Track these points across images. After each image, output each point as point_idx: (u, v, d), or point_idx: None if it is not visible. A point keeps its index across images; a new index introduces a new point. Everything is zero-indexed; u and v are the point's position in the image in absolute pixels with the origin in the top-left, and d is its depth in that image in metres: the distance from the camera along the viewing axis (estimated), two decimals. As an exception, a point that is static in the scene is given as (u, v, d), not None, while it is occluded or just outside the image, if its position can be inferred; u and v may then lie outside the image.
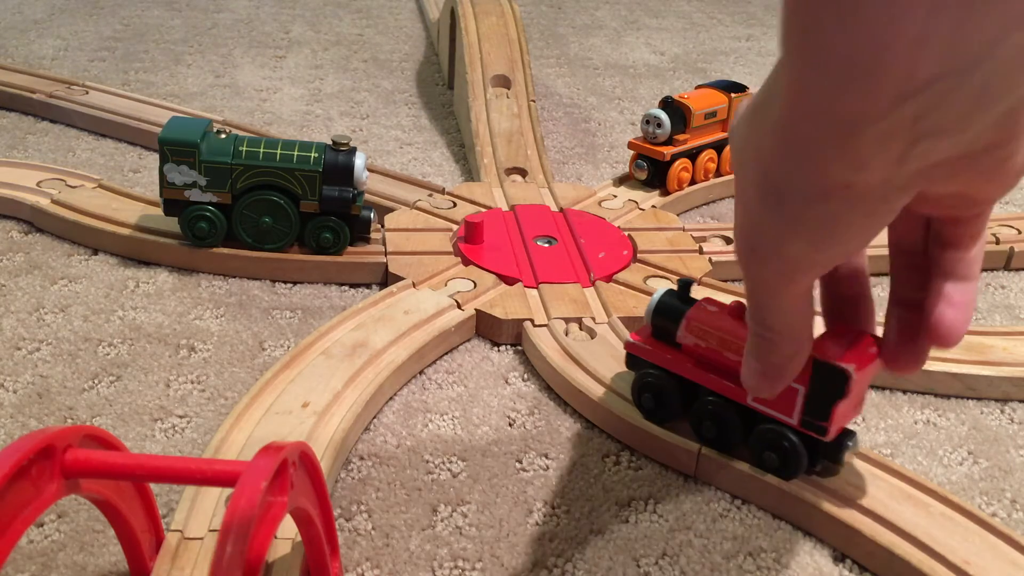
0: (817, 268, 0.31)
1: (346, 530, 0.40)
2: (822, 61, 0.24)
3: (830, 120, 0.25)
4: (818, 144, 0.26)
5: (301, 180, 0.58)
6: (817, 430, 0.39)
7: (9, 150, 0.77)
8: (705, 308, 0.43)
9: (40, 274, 0.58)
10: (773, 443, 0.41)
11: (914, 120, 0.23)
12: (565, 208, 0.68)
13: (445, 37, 0.98)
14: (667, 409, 0.45)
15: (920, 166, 0.25)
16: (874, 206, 0.27)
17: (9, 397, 0.47)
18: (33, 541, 0.38)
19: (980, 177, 0.27)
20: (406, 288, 0.56)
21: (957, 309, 0.33)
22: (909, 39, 0.21)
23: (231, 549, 0.25)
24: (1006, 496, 0.45)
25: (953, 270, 0.33)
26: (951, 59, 0.22)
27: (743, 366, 0.35)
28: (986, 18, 0.21)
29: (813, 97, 0.25)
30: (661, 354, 0.44)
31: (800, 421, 0.39)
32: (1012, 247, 0.66)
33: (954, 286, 0.33)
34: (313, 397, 0.45)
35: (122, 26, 1.13)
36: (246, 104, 0.91)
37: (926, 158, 0.25)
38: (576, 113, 0.95)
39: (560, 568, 0.39)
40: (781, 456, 0.41)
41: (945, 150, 0.25)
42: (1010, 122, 0.25)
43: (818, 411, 0.38)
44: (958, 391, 0.52)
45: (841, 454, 0.40)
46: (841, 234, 0.28)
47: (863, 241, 0.29)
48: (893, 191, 0.26)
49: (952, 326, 0.33)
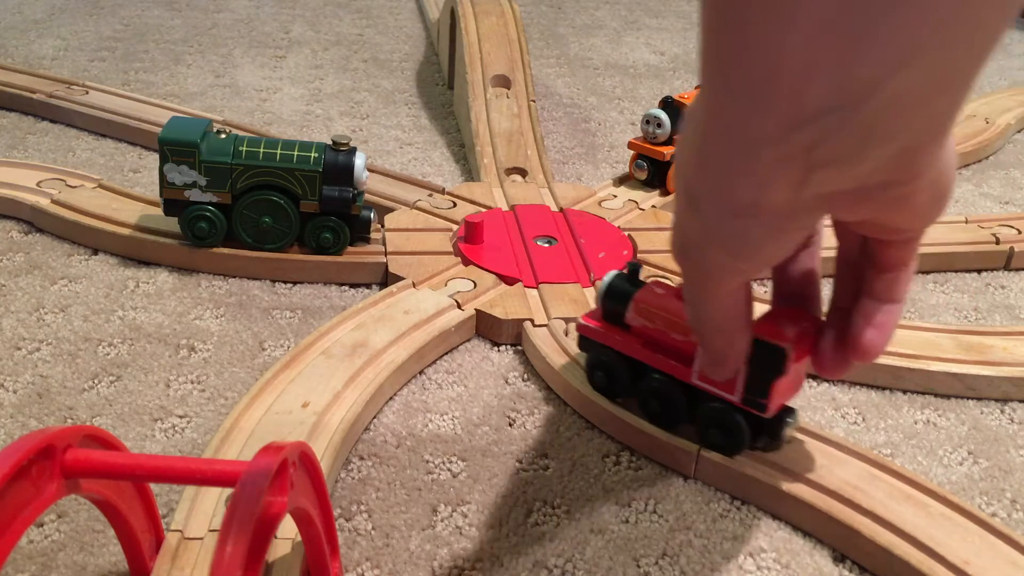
0: (739, 274, 0.32)
1: (346, 530, 0.40)
2: (727, 84, 0.25)
3: (734, 140, 0.26)
4: (725, 162, 0.27)
5: (301, 180, 0.58)
6: (757, 407, 0.40)
7: (9, 150, 0.77)
8: (652, 290, 0.44)
9: (40, 274, 0.58)
10: (716, 420, 0.42)
11: (808, 148, 0.24)
12: (565, 208, 0.68)
13: (445, 37, 0.98)
14: (618, 385, 0.46)
15: (819, 193, 0.26)
16: (781, 224, 0.28)
17: (9, 397, 0.47)
18: (33, 541, 0.38)
19: (885, 210, 0.28)
20: (406, 288, 0.56)
21: (876, 329, 0.35)
22: (796, 69, 0.23)
23: (231, 549, 0.25)
24: (1006, 496, 0.45)
25: (878, 290, 0.35)
26: (837, 93, 0.23)
27: (698, 352, 0.36)
28: (867, 57, 0.22)
29: (721, 118, 0.26)
30: (611, 335, 0.45)
31: (741, 398, 0.40)
32: (1012, 247, 0.66)
33: (876, 306, 0.35)
34: (313, 397, 0.45)
35: (122, 26, 1.12)
36: (246, 104, 0.91)
37: (824, 186, 0.26)
38: (576, 113, 0.95)
39: (560, 568, 0.39)
40: (724, 432, 0.42)
41: (841, 182, 0.26)
42: (905, 162, 0.26)
43: (758, 388, 0.39)
44: (958, 391, 0.52)
45: (781, 431, 0.42)
46: (754, 248, 0.29)
47: (777, 255, 0.30)
48: (798, 213, 0.27)
49: (870, 345, 0.35)
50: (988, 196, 0.80)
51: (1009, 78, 1.15)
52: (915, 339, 0.54)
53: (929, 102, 0.24)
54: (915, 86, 0.23)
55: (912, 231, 0.32)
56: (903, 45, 0.22)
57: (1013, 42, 1.31)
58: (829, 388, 0.52)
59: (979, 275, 0.66)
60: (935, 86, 0.23)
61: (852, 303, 0.36)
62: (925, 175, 0.27)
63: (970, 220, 0.70)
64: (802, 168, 0.25)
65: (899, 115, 0.23)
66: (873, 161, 0.25)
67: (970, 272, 0.66)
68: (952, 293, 0.64)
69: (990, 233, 0.68)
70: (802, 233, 0.29)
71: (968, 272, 0.66)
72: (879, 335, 0.35)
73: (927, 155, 0.26)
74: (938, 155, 0.27)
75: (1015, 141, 0.93)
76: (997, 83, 1.12)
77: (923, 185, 0.27)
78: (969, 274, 0.66)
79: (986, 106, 0.96)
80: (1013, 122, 0.93)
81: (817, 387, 0.52)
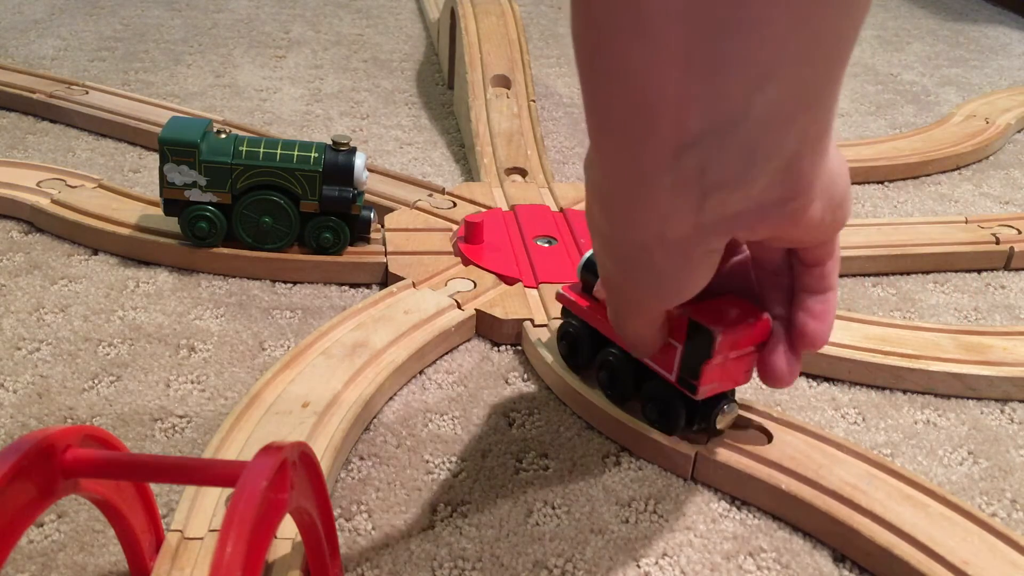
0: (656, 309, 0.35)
1: (346, 530, 0.40)
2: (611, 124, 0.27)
3: (630, 176, 0.28)
4: (624, 199, 0.29)
5: (301, 180, 0.58)
6: (689, 388, 0.41)
7: (9, 150, 0.77)
8: None
9: (40, 274, 0.58)
10: (655, 397, 0.44)
11: (699, 173, 0.26)
12: (565, 208, 0.68)
13: (445, 37, 0.98)
14: (579, 357, 0.48)
15: (719, 216, 0.28)
16: (690, 252, 0.30)
17: (9, 397, 0.47)
18: (33, 541, 0.38)
19: (784, 226, 0.30)
20: (406, 288, 0.57)
21: (817, 319, 0.37)
22: (671, 98, 0.25)
23: (231, 549, 0.25)
24: (1006, 496, 0.45)
25: (810, 284, 0.37)
26: (713, 115, 0.25)
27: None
28: (731, 79, 0.24)
29: (613, 157, 0.28)
30: (580, 305, 0.47)
31: (677, 378, 0.42)
32: (1012, 247, 0.66)
33: (813, 298, 0.37)
34: (313, 397, 0.45)
35: (122, 26, 1.12)
36: (246, 104, 0.91)
37: (722, 208, 0.28)
38: (576, 113, 0.95)
39: (560, 568, 0.39)
40: (660, 410, 0.44)
41: (737, 202, 0.28)
42: (792, 177, 0.28)
43: (690, 369, 0.41)
44: (958, 391, 0.52)
45: (713, 416, 0.43)
46: (669, 280, 0.31)
47: (692, 285, 0.32)
48: (705, 238, 0.29)
49: (815, 334, 0.37)
50: (988, 196, 0.80)
51: (1009, 78, 1.15)
52: (915, 339, 0.54)
53: (796, 117, 0.26)
54: (778, 104, 0.25)
55: (821, 240, 0.34)
56: (755, 69, 0.24)
57: (1013, 42, 1.31)
58: (829, 388, 0.52)
59: (979, 275, 0.66)
60: (796, 103, 0.25)
61: (778, 308, 0.38)
62: (814, 187, 0.29)
63: (970, 220, 0.70)
64: (697, 193, 0.27)
65: (774, 132, 0.26)
66: (762, 179, 0.27)
67: (970, 272, 0.66)
68: (952, 293, 0.64)
69: (990, 233, 0.68)
70: (711, 259, 0.31)
71: (968, 272, 0.66)
72: (821, 324, 0.37)
73: (811, 167, 0.28)
74: (823, 166, 0.29)
75: (1015, 141, 0.93)
76: (997, 83, 1.12)
77: (814, 196, 0.29)
78: (969, 274, 0.66)
79: (986, 106, 0.96)
80: (1013, 122, 0.93)
81: (817, 387, 0.52)
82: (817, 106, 0.26)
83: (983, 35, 1.34)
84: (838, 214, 0.31)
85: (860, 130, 0.95)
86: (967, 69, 1.17)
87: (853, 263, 0.64)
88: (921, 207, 0.77)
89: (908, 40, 1.29)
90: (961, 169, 0.85)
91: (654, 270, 0.30)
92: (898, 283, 0.64)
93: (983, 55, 1.24)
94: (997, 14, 1.47)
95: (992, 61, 1.22)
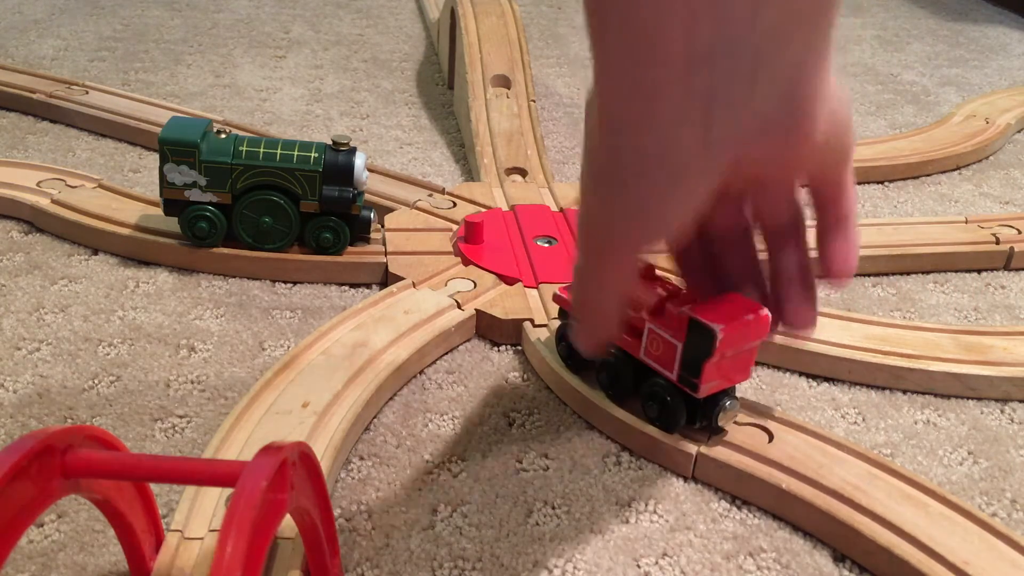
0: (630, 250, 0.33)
1: (346, 530, 0.40)
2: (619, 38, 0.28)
3: (634, 91, 0.29)
4: (630, 116, 0.29)
5: (301, 180, 0.58)
6: (690, 386, 0.41)
7: (9, 150, 0.77)
8: None
9: (40, 274, 0.58)
10: (655, 395, 0.44)
11: (707, 89, 0.28)
12: (565, 208, 0.68)
13: (445, 37, 0.98)
14: (579, 358, 0.48)
15: (724, 133, 0.29)
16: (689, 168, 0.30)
17: (9, 397, 0.47)
18: (33, 541, 0.38)
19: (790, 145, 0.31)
20: (406, 288, 0.56)
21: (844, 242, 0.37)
22: (682, 14, 0.26)
23: (231, 549, 0.25)
24: (1006, 496, 0.45)
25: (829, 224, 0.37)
26: (721, 31, 0.27)
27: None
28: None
29: (616, 73, 0.29)
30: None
31: (677, 376, 0.42)
32: (1012, 247, 0.66)
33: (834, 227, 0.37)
34: (313, 397, 0.45)
35: (122, 26, 1.12)
36: (246, 104, 0.91)
37: (728, 126, 0.29)
38: (576, 113, 0.95)
39: (560, 568, 0.39)
40: (661, 408, 0.44)
41: (744, 120, 0.29)
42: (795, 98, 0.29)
43: (691, 368, 0.41)
44: (958, 391, 0.52)
45: (715, 414, 0.43)
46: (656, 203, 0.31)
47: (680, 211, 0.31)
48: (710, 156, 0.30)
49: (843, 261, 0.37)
50: (988, 196, 0.80)
51: (1009, 78, 1.15)
52: (915, 339, 0.54)
53: (797, 33, 0.28)
54: (780, 20, 0.27)
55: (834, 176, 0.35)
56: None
57: (1013, 42, 1.31)
58: (829, 388, 0.52)
59: (979, 275, 0.66)
60: (797, 19, 0.27)
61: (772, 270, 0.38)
62: (816, 108, 0.30)
63: (970, 220, 0.70)
64: (702, 109, 0.28)
65: (777, 45, 0.27)
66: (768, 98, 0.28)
67: (970, 272, 0.66)
68: (952, 293, 0.64)
69: (990, 233, 0.68)
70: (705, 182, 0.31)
71: (968, 272, 0.66)
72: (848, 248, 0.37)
73: (814, 83, 0.29)
74: (824, 91, 0.30)
75: (1015, 141, 0.93)
76: (997, 83, 1.12)
77: (817, 118, 0.30)
78: (969, 274, 0.66)
79: (986, 106, 0.96)
80: (1013, 122, 0.93)
81: (817, 387, 0.52)
82: (816, 23, 0.28)
83: (983, 35, 1.34)
84: (844, 141, 0.33)
85: (860, 130, 0.95)
86: (967, 69, 1.17)
87: (853, 263, 0.64)
88: (921, 207, 0.77)
89: (908, 40, 1.29)
90: (961, 169, 0.85)
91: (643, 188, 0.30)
92: (898, 283, 0.64)
93: (983, 55, 1.24)
94: (997, 14, 1.47)
95: (992, 61, 1.22)
